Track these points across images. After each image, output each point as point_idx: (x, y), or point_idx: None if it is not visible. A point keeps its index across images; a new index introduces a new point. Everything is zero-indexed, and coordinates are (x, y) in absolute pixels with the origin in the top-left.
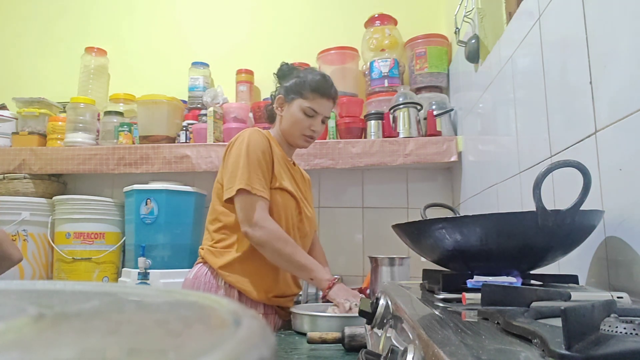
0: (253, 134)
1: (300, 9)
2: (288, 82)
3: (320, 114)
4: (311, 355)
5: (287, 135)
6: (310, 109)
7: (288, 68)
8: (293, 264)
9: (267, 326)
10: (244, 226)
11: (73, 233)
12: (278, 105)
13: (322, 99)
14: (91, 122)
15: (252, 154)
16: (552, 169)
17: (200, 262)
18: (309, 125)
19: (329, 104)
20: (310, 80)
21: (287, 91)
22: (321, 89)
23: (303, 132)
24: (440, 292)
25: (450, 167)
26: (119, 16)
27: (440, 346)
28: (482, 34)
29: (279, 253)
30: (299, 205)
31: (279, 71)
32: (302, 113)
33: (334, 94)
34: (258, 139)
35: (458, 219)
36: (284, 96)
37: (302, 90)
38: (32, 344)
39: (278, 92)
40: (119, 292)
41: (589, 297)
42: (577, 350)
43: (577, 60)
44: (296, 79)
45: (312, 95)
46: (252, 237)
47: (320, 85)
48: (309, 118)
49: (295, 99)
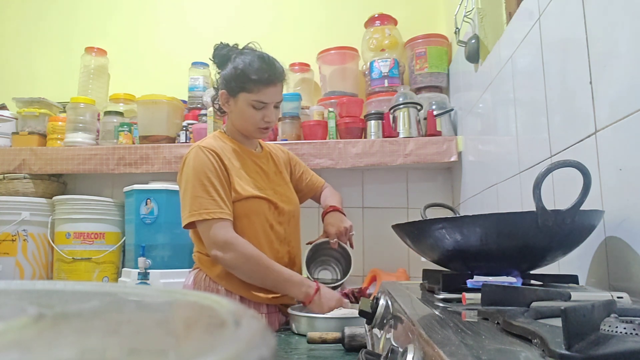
0: (196, 156)
1: (300, 9)
2: (226, 71)
3: (270, 103)
4: (311, 355)
5: (241, 129)
6: (257, 102)
7: (224, 50)
8: (267, 284)
9: (267, 326)
10: (213, 250)
11: (73, 233)
12: (224, 101)
13: (268, 87)
14: (91, 122)
15: (200, 178)
16: (552, 169)
17: (197, 268)
18: (262, 117)
19: (278, 89)
20: (248, 69)
21: (227, 84)
22: (264, 78)
23: (257, 125)
24: (440, 292)
25: (450, 167)
26: (119, 16)
27: (440, 346)
28: (482, 34)
29: (250, 275)
30: (270, 202)
31: (213, 57)
32: (250, 107)
33: (279, 76)
34: (202, 159)
35: (458, 219)
36: (227, 92)
37: (243, 83)
38: (32, 344)
39: (219, 86)
40: (119, 292)
41: (589, 297)
42: (577, 350)
43: (577, 60)
44: (234, 70)
45: (255, 87)
46: (222, 261)
47: (261, 72)
48: (260, 110)
49: (240, 93)
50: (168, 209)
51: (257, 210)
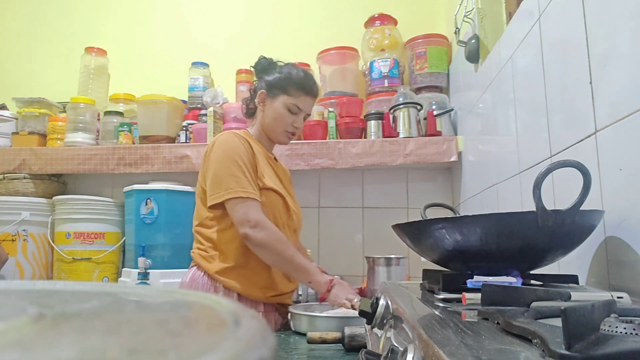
0: (230, 138)
1: (300, 8)
2: (270, 76)
3: (303, 111)
4: (311, 355)
5: (268, 130)
6: (294, 105)
7: (267, 62)
8: (293, 266)
9: (267, 326)
10: (244, 227)
11: (73, 233)
12: (260, 100)
13: (307, 96)
14: (91, 122)
15: (234, 159)
16: (552, 169)
17: (194, 266)
18: (292, 121)
19: (312, 101)
20: (295, 76)
21: (269, 86)
22: (306, 86)
23: (286, 128)
24: (440, 292)
25: (450, 167)
26: (119, 16)
27: (440, 346)
28: (482, 34)
29: (280, 255)
30: (285, 202)
31: (257, 65)
32: (285, 109)
33: (316, 91)
34: (236, 142)
35: (458, 219)
36: (266, 91)
37: (286, 86)
38: (32, 344)
39: (259, 86)
40: (119, 292)
41: (589, 297)
42: (577, 350)
43: (577, 60)
44: (279, 75)
45: (296, 93)
46: (252, 238)
47: (305, 82)
48: (293, 115)
49: (279, 95)
50: (168, 209)
51: (274, 204)
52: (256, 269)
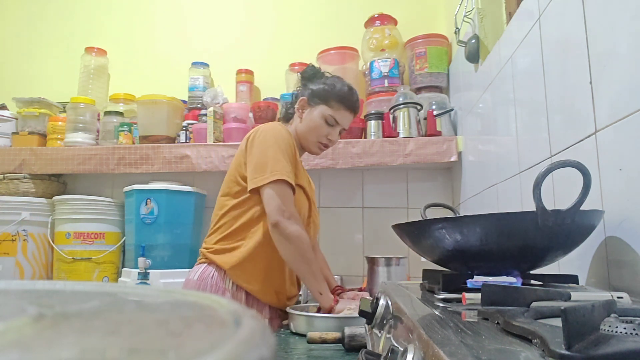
0: (279, 127)
1: (300, 9)
2: (314, 85)
3: (340, 125)
4: (311, 355)
5: (302, 138)
6: (332, 118)
7: (314, 70)
8: (311, 270)
9: (267, 326)
10: (277, 215)
11: (73, 233)
12: (300, 106)
13: (347, 111)
14: (91, 122)
15: (282, 145)
16: (552, 169)
17: (204, 263)
18: (327, 133)
19: (351, 117)
20: (338, 89)
21: (312, 95)
22: (347, 101)
23: (320, 139)
24: (440, 292)
25: (450, 167)
26: (119, 16)
27: (440, 346)
28: (482, 34)
29: (303, 255)
30: (310, 207)
31: (304, 72)
32: (323, 120)
33: (357, 108)
34: (284, 131)
35: (458, 219)
36: (307, 99)
37: (328, 97)
38: (32, 344)
39: (302, 93)
40: (119, 292)
41: (589, 297)
42: (577, 350)
43: (577, 60)
44: (324, 85)
45: (337, 105)
46: (284, 229)
47: (347, 97)
48: (329, 127)
49: (319, 105)
50: (168, 209)
51: (301, 204)
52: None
